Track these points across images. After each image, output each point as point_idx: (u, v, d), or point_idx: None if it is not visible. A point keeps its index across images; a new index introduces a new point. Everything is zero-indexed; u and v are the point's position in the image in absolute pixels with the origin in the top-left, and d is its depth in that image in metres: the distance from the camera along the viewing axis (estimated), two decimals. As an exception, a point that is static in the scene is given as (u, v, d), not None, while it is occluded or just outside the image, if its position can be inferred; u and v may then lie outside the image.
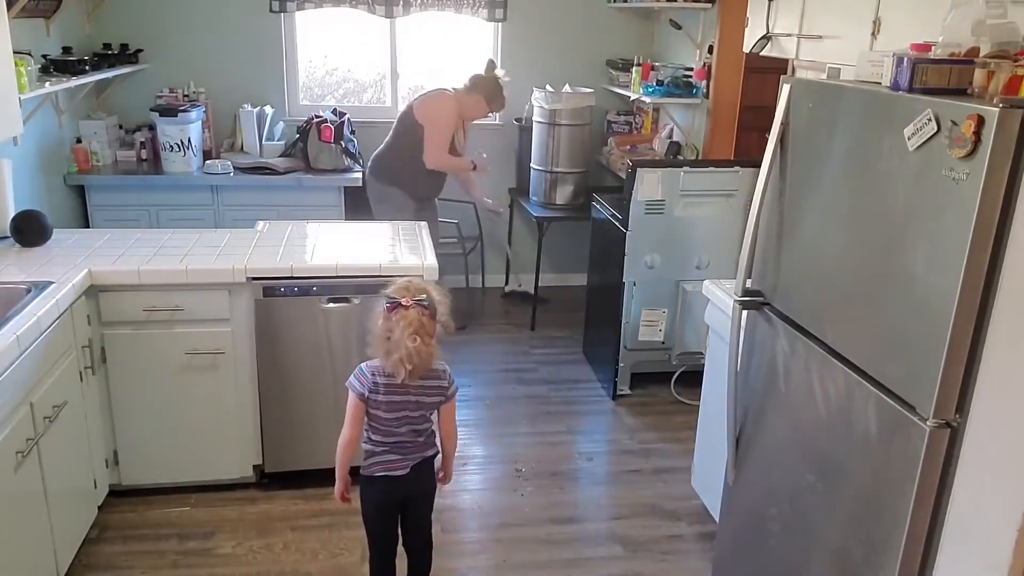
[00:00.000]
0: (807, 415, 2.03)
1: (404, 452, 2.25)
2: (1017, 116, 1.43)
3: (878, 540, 1.78)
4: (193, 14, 4.70)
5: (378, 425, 2.23)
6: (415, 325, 2.11)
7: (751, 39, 3.15)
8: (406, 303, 2.12)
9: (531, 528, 3.00)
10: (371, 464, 2.25)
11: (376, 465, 2.25)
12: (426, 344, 2.13)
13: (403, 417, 2.22)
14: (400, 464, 2.25)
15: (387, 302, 2.15)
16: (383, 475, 2.24)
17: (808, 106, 2.03)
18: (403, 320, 2.11)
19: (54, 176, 4.16)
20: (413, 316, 2.11)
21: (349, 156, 4.63)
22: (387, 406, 2.20)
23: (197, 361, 2.89)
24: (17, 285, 2.55)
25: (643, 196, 3.69)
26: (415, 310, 2.12)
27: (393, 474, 2.24)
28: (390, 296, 2.16)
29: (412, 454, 2.26)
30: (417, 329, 2.11)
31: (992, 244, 1.50)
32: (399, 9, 4.78)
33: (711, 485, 2.90)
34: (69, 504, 2.59)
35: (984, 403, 1.57)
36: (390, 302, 2.14)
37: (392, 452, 2.24)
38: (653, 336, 3.93)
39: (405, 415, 2.22)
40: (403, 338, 2.09)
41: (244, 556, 2.77)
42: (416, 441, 2.26)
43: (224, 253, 2.97)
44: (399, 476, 2.25)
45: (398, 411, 2.21)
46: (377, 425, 2.23)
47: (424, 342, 2.12)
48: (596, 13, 5.06)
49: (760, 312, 2.26)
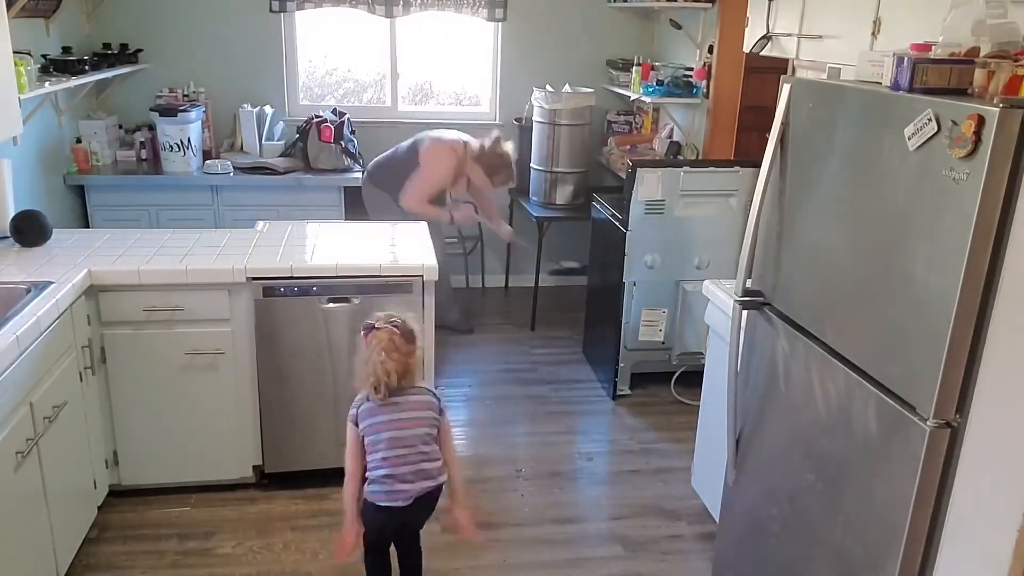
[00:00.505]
0: (807, 415, 2.03)
1: (407, 481, 2.25)
2: (1017, 116, 1.43)
3: (878, 540, 1.78)
4: (193, 14, 4.70)
5: (378, 450, 2.24)
6: (384, 343, 2.21)
7: (751, 39, 3.15)
8: (379, 325, 2.23)
9: (531, 528, 3.00)
10: (374, 492, 2.27)
11: (379, 494, 2.26)
12: (396, 360, 2.21)
13: (398, 439, 2.24)
14: (402, 495, 2.25)
15: (363, 328, 2.26)
16: (386, 505, 2.26)
17: (808, 106, 2.03)
18: (375, 340, 2.22)
19: (54, 176, 4.16)
20: (383, 336, 2.22)
21: (349, 156, 4.63)
22: (381, 426, 2.23)
23: (197, 361, 2.89)
24: (17, 285, 2.54)
25: (643, 196, 3.69)
26: (386, 331, 2.22)
27: (395, 505, 2.26)
28: (366, 323, 2.27)
29: (415, 483, 2.26)
30: (386, 347, 2.21)
31: (992, 244, 1.50)
32: (399, 9, 4.77)
33: (711, 485, 2.90)
34: (69, 504, 2.59)
35: (984, 403, 1.57)
36: (365, 327, 2.25)
37: (397, 481, 2.24)
38: (653, 336, 3.93)
39: (400, 435, 2.24)
40: (373, 356, 2.20)
41: (244, 556, 2.77)
42: (419, 468, 2.26)
43: (224, 253, 2.97)
44: (399, 507, 2.27)
45: (393, 429, 2.23)
46: (378, 450, 2.24)
47: (393, 358, 2.21)
48: (596, 13, 5.06)
49: (760, 312, 2.26)
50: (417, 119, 5.12)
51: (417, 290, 2.97)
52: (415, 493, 2.26)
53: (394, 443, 2.24)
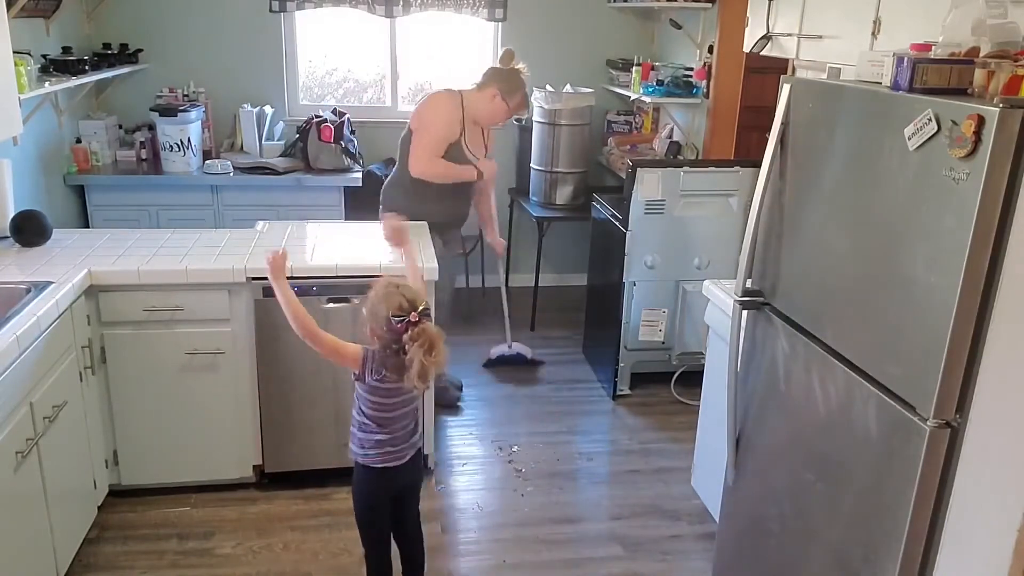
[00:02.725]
0: (807, 415, 2.03)
1: (400, 444, 2.26)
2: (1017, 116, 1.42)
3: (878, 540, 1.78)
4: (193, 14, 4.70)
5: (377, 413, 2.22)
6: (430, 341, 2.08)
7: (751, 39, 3.14)
8: (414, 318, 2.09)
9: (531, 528, 3.00)
10: (371, 455, 2.24)
11: (375, 456, 2.24)
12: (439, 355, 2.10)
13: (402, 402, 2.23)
14: (398, 455, 2.26)
15: (396, 321, 2.10)
16: (383, 466, 2.25)
17: (808, 106, 2.03)
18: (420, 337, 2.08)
19: (54, 176, 4.16)
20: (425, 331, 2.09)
21: (349, 156, 4.63)
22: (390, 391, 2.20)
23: (197, 361, 2.89)
24: (17, 285, 2.54)
25: (643, 196, 3.69)
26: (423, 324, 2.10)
27: (392, 464, 2.25)
28: (395, 314, 2.10)
29: (406, 443, 2.27)
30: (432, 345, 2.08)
31: (992, 244, 1.50)
32: (399, 9, 4.77)
33: (711, 485, 2.90)
34: (69, 504, 2.59)
35: (984, 403, 1.57)
36: (398, 320, 2.10)
37: (390, 444, 2.24)
38: (653, 336, 3.93)
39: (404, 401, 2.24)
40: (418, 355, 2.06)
41: (244, 556, 2.77)
42: (408, 429, 2.28)
43: (224, 253, 2.97)
44: (398, 466, 2.26)
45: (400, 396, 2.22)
46: (376, 413, 2.22)
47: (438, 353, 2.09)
48: (596, 13, 5.06)
49: (760, 312, 2.25)
50: (417, 119, 5.12)
51: (417, 290, 2.97)
52: (409, 452, 2.28)
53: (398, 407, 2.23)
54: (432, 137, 3.46)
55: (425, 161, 3.44)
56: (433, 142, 3.46)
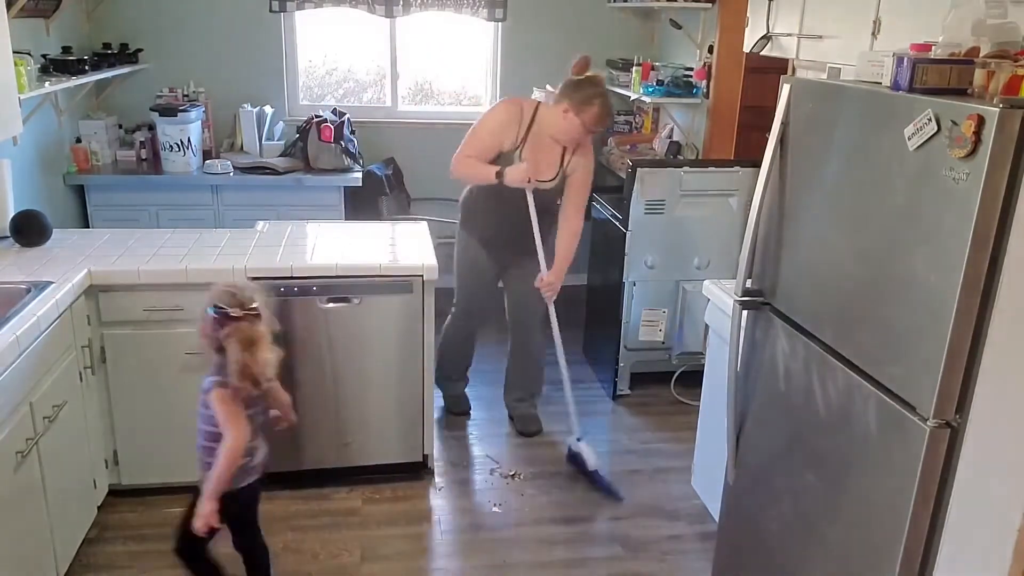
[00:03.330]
0: (807, 415, 2.03)
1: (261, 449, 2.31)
2: (1017, 116, 1.43)
3: (878, 540, 1.78)
4: (193, 14, 4.70)
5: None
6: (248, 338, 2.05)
7: (751, 39, 3.15)
8: (235, 313, 2.05)
9: (531, 528, 2.99)
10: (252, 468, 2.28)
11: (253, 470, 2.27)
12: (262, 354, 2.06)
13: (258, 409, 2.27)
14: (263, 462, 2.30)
15: (214, 313, 2.05)
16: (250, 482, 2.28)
17: (808, 106, 2.03)
18: (236, 333, 2.04)
19: (54, 176, 4.16)
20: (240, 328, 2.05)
21: (349, 156, 4.63)
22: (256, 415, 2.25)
23: (197, 361, 2.88)
24: (17, 285, 2.54)
25: (643, 196, 3.69)
26: (244, 321, 2.05)
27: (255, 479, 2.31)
28: (217, 305, 2.05)
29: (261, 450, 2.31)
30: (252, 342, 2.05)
31: (992, 244, 1.50)
32: (399, 9, 4.77)
33: (711, 485, 2.90)
34: (69, 504, 2.59)
35: (984, 403, 1.57)
36: (218, 313, 2.04)
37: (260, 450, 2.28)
38: (653, 336, 3.93)
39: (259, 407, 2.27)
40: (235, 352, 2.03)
41: (244, 556, 2.77)
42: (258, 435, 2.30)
43: (224, 253, 2.97)
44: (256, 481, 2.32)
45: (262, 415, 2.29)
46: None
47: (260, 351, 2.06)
48: (596, 13, 5.06)
49: (760, 312, 2.25)
50: (417, 119, 5.12)
51: (417, 290, 2.97)
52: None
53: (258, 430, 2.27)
54: (474, 139, 3.30)
55: (455, 159, 3.29)
56: (472, 143, 3.29)
